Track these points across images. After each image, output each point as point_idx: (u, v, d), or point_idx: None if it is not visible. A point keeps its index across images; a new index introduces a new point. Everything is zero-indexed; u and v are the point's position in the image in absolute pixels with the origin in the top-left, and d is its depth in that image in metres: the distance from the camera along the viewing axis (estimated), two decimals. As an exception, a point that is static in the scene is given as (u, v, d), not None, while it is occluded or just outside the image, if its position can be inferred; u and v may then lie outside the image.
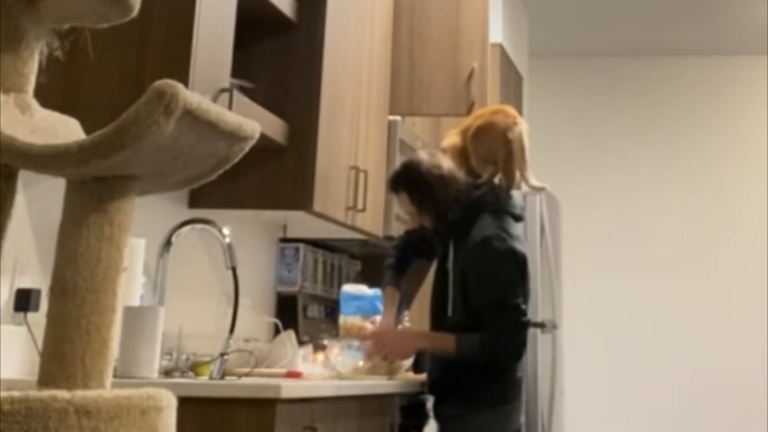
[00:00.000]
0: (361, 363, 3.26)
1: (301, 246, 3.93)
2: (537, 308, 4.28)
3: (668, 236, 6.73)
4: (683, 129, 6.88)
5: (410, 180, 3.19)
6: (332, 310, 4.03)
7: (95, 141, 1.49)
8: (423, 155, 3.25)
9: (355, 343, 3.34)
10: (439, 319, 3.22)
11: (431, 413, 3.23)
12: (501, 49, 5.22)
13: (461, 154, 3.33)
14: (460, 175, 3.21)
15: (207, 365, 2.68)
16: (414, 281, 3.60)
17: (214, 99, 2.64)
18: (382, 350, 3.22)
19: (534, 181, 3.30)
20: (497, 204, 3.19)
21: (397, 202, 3.32)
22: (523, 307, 3.10)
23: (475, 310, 3.10)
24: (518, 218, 3.27)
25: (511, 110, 3.41)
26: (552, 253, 4.70)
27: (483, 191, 3.20)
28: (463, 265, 3.13)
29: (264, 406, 2.25)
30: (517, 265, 3.11)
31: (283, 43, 3.29)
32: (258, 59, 3.26)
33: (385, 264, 3.49)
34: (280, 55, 3.28)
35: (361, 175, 3.64)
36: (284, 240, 3.94)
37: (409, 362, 3.44)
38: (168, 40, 2.56)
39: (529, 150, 3.31)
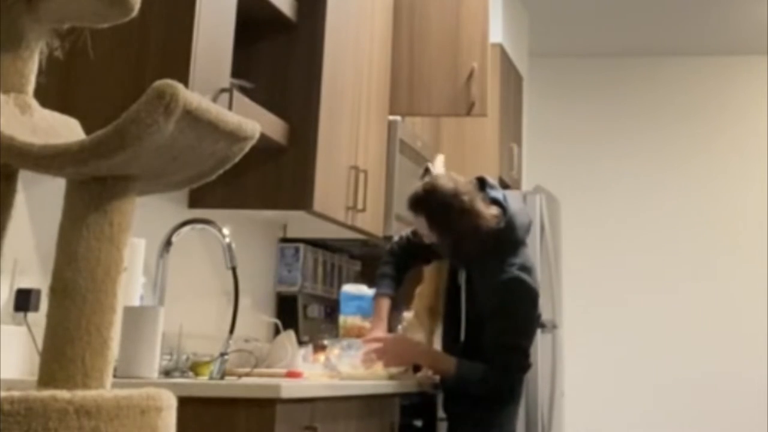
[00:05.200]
0: (358, 365, 3.26)
1: (301, 246, 3.92)
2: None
3: (668, 236, 6.73)
4: (683, 129, 6.88)
5: (431, 206, 3.13)
6: (332, 310, 4.03)
7: (95, 141, 1.49)
8: (447, 182, 3.15)
9: (356, 342, 3.34)
10: (450, 341, 3.29)
11: (442, 412, 3.29)
12: (501, 49, 5.21)
13: None
14: (481, 205, 3.14)
15: (207, 365, 2.68)
16: (410, 283, 3.60)
17: (214, 99, 2.64)
18: (382, 356, 3.22)
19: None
20: (515, 237, 3.19)
21: (414, 221, 3.25)
22: (530, 350, 3.21)
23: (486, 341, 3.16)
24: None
25: None
26: (552, 253, 4.70)
27: (503, 224, 3.17)
28: (484, 297, 3.18)
29: (264, 406, 2.25)
30: (535, 306, 3.23)
31: (283, 43, 3.28)
32: (258, 59, 3.25)
33: (379, 271, 3.48)
34: (280, 55, 3.28)
35: (361, 175, 3.64)
36: (284, 240, 3.93)
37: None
38: (168, 40, 2.56)
39: None
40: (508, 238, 3.17)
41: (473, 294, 3.22)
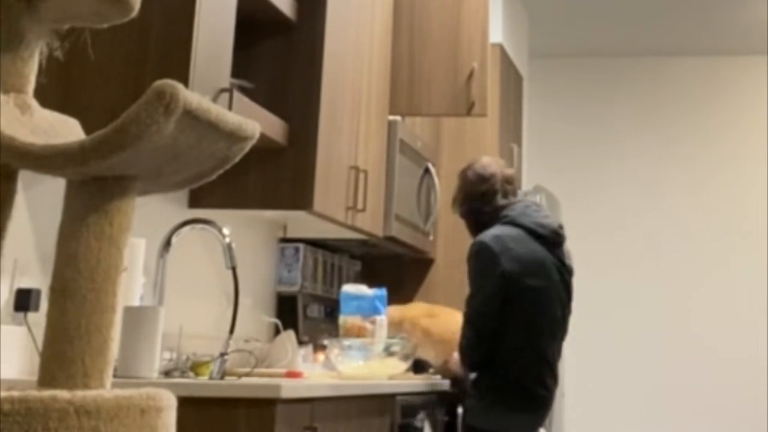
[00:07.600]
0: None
1: (301, 246, 3.92)
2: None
3: (669, 236, 6.73)
4: (683, 129, 6.88)
5: (459, 177, 3.70)
6: (332, 310, 4.03)
7: (95, 141, 1.49)
8: (482, 161, 3.69)
9: (356, 342, 3.35)
10: None
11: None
12: (501, 49, 5.21)
13: None
14: (493, 191, 3.58)
15: (207, 365, 2.68)
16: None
17: (214, 99, 2.63)
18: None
19: None
20: (506, 217, 3.52)
21: None
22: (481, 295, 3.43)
23: None
24: (532, 232, 3.49)
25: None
26: (552, 253, 4.69)
27: (502, 205, 3.56)
28: None
29: (264, 406, 2.25)
30: (481, 260, 3.43)
31: (283, 43, 3.28)
32: (258, 59, 3.25)
33: None
34: (280, 55, 3.28)
35: (361, 175, 3.64)
36: (284, 240, 3.93)
37: (409, 362, 3.45)
38: (168, 40, 2.56)
39: None
40: (499, 216, 3.54)
41: None
